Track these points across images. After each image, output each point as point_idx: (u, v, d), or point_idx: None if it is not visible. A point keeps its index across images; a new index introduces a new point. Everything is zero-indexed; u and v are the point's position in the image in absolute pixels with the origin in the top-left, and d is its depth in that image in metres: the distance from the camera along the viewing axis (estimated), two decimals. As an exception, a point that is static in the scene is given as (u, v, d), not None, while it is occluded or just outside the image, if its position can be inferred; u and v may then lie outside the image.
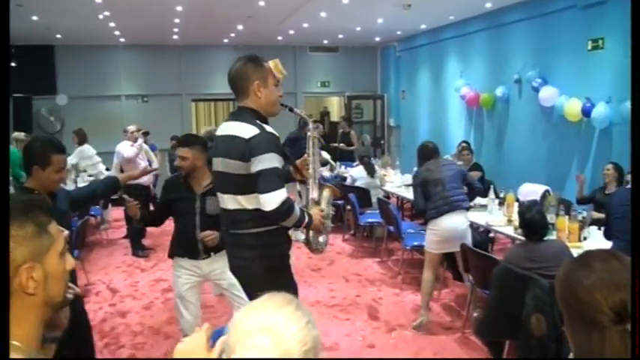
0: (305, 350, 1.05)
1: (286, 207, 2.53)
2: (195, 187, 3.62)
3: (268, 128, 2.62)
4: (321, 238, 2.91)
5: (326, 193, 2.93)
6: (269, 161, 2.53)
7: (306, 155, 2.95)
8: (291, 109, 2.97)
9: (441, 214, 4.56)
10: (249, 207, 2.62)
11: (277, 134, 2.67)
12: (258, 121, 2.63)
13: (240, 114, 2.70)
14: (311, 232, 2.83)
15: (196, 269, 3.68)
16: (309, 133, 2.94)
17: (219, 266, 3.62)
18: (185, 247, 3.68)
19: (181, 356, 1.26)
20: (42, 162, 2.78)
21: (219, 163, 2.72)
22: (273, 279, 2.66)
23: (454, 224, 4.58)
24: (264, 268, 2.67)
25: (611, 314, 1.21)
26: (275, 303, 1.12)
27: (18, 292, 1.11)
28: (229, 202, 2.70)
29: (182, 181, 3.66)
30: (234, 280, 3.58)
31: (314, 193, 2.87)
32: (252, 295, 2.76)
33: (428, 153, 4.86)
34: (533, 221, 3.66)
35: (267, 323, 1.06)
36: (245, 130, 2.58)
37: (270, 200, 2.50)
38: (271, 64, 2.72)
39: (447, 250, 4.75)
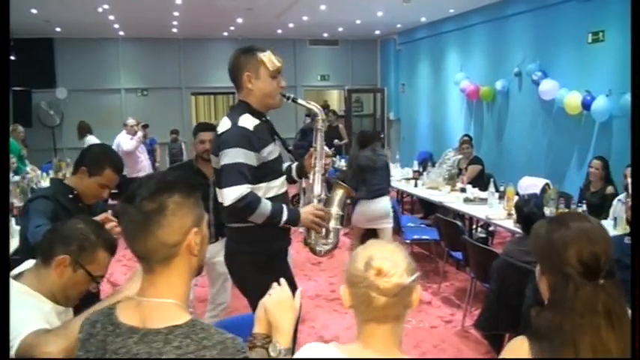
0: (412, 268, 1.34)
1: (244, 203, 2.43)
2: (208, 172, 3.57)
3: (242, 122, 2.52)
4: (328, 241, 2.73)
5: (339, 191, 2.77)
6: (232, 156, 2.46)
7: (312, 149, 2.81)
8: (294, 100, 2.79)
9: (371, 197, 5.32)
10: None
11: (250, 128, 2.53)
12: (244, 115, 2.55)
13: (235, 108, 2.68)
14: (312, 232, 2.70)
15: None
16: (318, 125, 2.80)
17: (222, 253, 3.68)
18: None
19: (274, 307, 1.47)
20: (92, 167, 2.58)
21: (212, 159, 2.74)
22: (255, 276, 2.56)
23: (381, 205, 5.38)
24: (245, 264, 2.64)
25: (579, 267, 1.39)
26: (382, 242, 1.45)
27: (184, 254, 1.28)
28: (219, 195, 2.66)
29: (195, 168, 3.72)
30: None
31: (316, 188, 2.71)
32: (240, 288, 2.77)
33: (368, 140, 5.52)
34: (531, 215, 3.67)
35: (385, 251, 1.36)
36: (221, 125, 2.58)
37: (227, 195, 2.45)
38: (265, 56, 2.60)
39: (372, 227, 5.46)
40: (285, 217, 2.55)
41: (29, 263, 1.89)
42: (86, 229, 1.83)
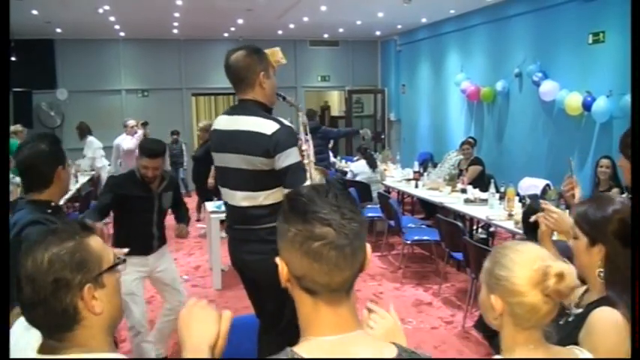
0: None
1: None
2: (153, 186, 3.68)
3: (286, 122, 2.59)
4: None
5: (318, 175, 2.94)
6: (294, 156, 2.52)
7: (300, 142, 2.82)
8: (284, 98, 2.93)
9: None
10: (267, 202, 2.57)
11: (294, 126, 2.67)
12: (267, 114, 2.61)
13: (250, 108, 2.61)
14: None
15: (144, 265, 3.73)
16: (300, 119, 2.95)
17: (164, 260, 3.85)
18: (138, 244, 3.55)
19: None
20: (62, 159, 2.36)
21: (234, 160, 2.61)
22: None
23: None
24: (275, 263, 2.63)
25: (625, 236, 1.63)
26: (525, 244, 1.41)
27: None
28: (244, 199, 2.62)
29: (139, 180, 3.64)
30: (176, 274, 4.00)
31: (313, 177, 2.83)
32: (264, 288, 2.71)
33: None
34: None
35: (543, 253, 1.36)
36: (265, 125, 2.52)
37: None
38: (268, 52, 2.67)
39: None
40: None
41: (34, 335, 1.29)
42: (61, 248, 1.22)
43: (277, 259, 1.12)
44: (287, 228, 1.08)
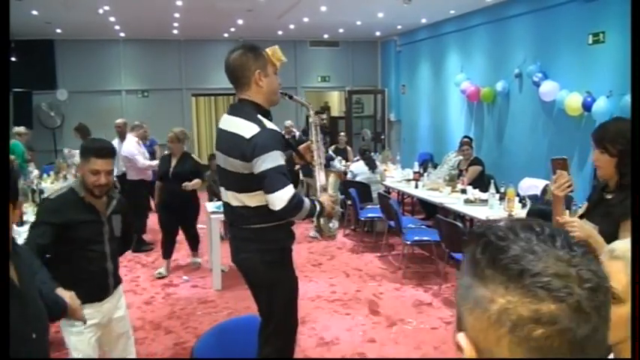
0: None
1: (295, 202, 2.50)
2: (99, 206, 2.77)
3: (269, 125, 2.57)
4: (331, 224, 2.93)
5: (332, 178, 2.96)
6: (273, 160, 2.48)
7: (309, 142, 2.92)
8: (290, 97, 2.91)
9: None
10: (252, 205, 2.60)
11: (278, 129, 2.63)
12: (259, 116, 2.58)
13: (241, 108, 2.64)
14: (322, 219, 2.85)
15: (99, 315, 2.83)
16: (310, 120, 2.93)
17: (121, 304, 3.00)
18: (92, 288, 2.75)
19: None
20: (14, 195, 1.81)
21: (222, 160, 2.68)
22: (273, 272, 2.68)
23: None
24: (265, 262, 2.67)
25: None
26: None
27: None
28: (232, 199, 2.68)
29: (85, 202, 2.71)
30: (129, 326, 3.12)
31: (321, 179, 2.85)
32: (253, 286, 2.78)
33: None
34: (544, 212, 3.71)
35: None
36: (245, 128, 2.53)
37: (279, 199, 2.47)
38: (269, 51, 2.68)
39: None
40: (318, 208, 2.67)
41: None
42: None
43: (460, 337, 0.67)
44: (483, 293, 0.64)
